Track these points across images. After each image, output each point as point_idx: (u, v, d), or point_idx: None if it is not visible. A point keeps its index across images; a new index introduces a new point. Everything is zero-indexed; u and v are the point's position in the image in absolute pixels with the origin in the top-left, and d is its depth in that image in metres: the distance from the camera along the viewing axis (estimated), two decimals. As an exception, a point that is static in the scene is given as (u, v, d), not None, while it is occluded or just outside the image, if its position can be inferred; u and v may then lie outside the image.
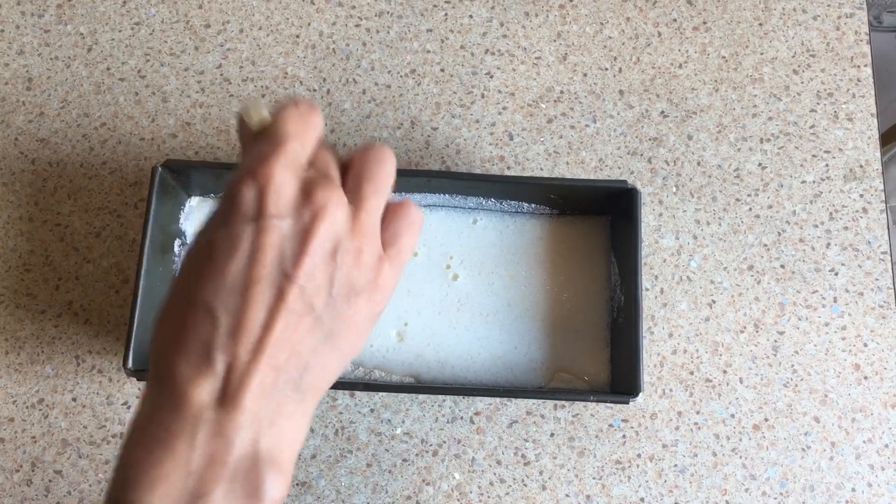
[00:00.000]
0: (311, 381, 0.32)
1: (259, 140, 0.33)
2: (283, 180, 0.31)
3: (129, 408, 0.52)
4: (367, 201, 0.33)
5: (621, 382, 0.49)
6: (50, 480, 0.51)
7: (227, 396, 0.30)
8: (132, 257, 0.55)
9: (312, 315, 0.31)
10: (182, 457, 0.30)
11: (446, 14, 0.60)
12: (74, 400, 0.52)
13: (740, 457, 0.52)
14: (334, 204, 0.31)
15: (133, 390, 0.52)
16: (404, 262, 0.35)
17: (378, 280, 0.33)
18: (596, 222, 0.53)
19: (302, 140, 0.32)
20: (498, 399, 0.52)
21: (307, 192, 0.31)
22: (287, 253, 0.30)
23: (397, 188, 0.51)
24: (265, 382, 0.30)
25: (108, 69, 0.59)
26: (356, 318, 0.33)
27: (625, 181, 0.50)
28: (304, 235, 0.31)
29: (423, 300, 0.52)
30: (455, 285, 0.52)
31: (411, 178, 0.50)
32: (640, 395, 0.47)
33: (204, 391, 0.30)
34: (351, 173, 0.34)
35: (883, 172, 0.57)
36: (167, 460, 0.30)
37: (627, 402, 0.46)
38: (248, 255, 0.30)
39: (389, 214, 0.35)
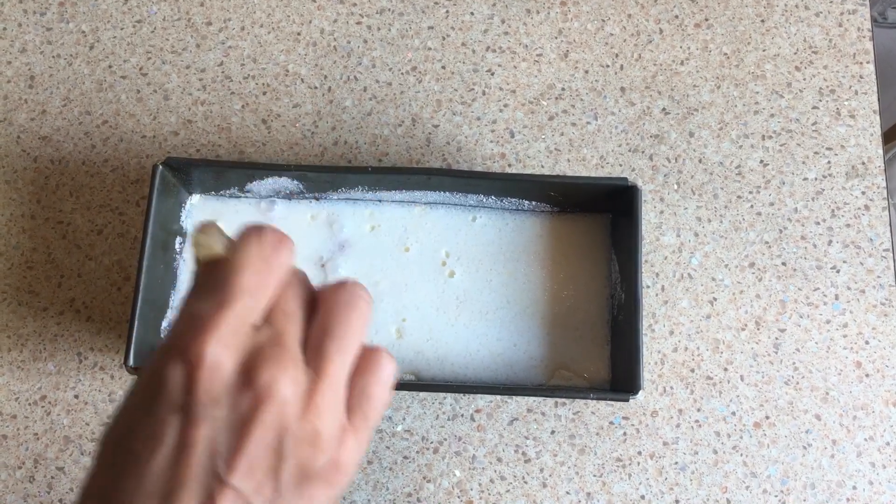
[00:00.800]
0: None
1: (202, 284, 0.28)
2: (219, 359, 0.26)
3: (130, 405, 0.52)
4: (331, 365, 0.28)
5: (621, 380, 0.49)
6: (52, 477, 0.51)
7: None
8: (134, 255, 0.55)
9: None
10: None
11: (447, 11, 0.60)
12: (76, 397, 0.53)
13: (741, 454, 0.52)
14: (282, 383, 0.26)
15: (135, 387, 0.53)
16: (373, 428, 0.29)
17: (340, 458, 0.28)
18: (596, 220, 0.53)
19: (257, 294, 0.27)
20: (499, 396, 0.52)
21: (249, 368, 0.26)
22: (220, 449, 0.25)
23: (397, 186, 0.52)
24: None
25: (110, 67, 0.59)
26: None
27: (625, 178, 0.49)
28: (241, 427, 0.26)
29: (422, 297, 0.52)
30: (454, 282, 0.52)
31: (411, 176, 0.50)
32: (641, 392, 0.47)
33: None
34: (316, 325, 0.28)
35: (886, 170, 0.57)
36: None
37: (627, 400, 0.46)
38: (172, 451, 0.25)
39: (358, 367, 0.29)
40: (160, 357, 0.27)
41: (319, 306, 0.29)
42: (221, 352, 0.26)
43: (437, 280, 0.52)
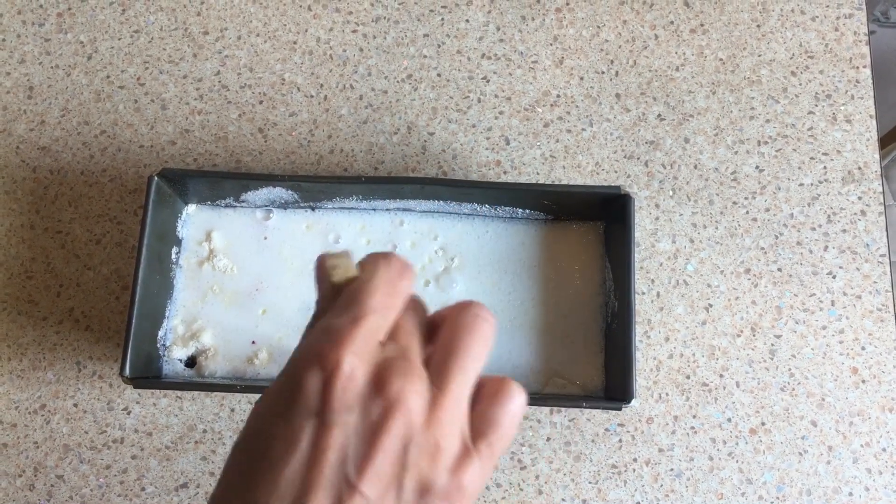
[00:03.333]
0: None
1: (336, 303, 0.29)
2: (354, 368, 0.27)
3: (129, 413, 0.53)
4: (453, 383, 0.28)
5: (615, 388, 0.49)
6: (52, 485, 0.52)
7: None
8: (132, 264, 0.55)
9: None
10: None
11: (443, 19, 0.61)
12: (76, 405, 0.53)
13: (737, 461, 0.52)
14: (410, 393, 0.27)
15: (133, 395, 0.53)
16: (498, 457, 0.29)
17: (461, 480, 0.28)
18: (590, 228, 0.53)
19: (385, 313, 0.29)
20: (494, 404, 0.52)
21: (380, 379, 0.27)
22: (351, 454, 0.26)
23: (392, 195, 0.52)
24: None
25: (108, 77, 0.59)
26: None
27: (618, 187, 0.50)
28: (371, 434, 0.27)
29: (418, 306, 0.52)
30: (449, 290, 0.52)
31: (405, 186, 0.50)
32: (635, 400, 0.47)
33: None
34: (439, 344, 0.29)
35: (888, 171, 0.57)
36: None
37: (620, 409, 0.46)
38: (307, 455, 0.26)
39: (484, 394, 0.30)
40: (298, 365, 0.28)
41: (442, 326, 0.30)
42: (355, 362, 0.27)
43: (432, 288, 0.53)
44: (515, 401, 0.30)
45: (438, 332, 0.30)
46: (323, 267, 0.31)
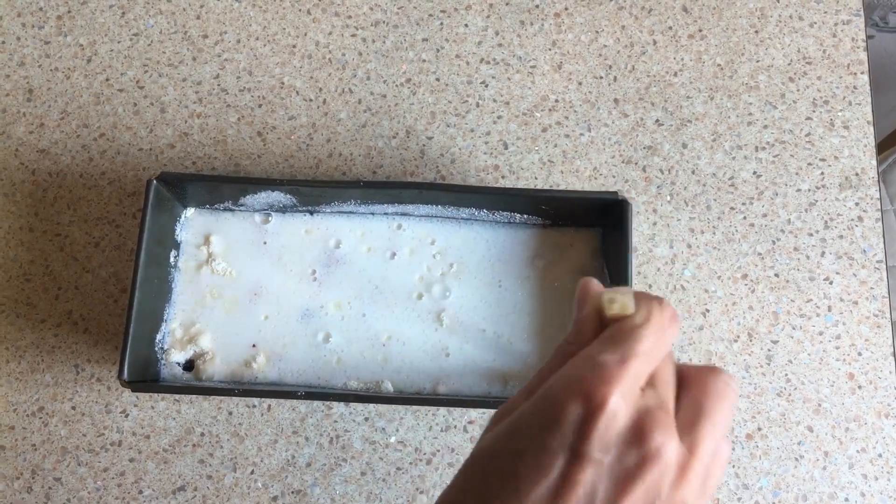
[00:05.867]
0: None
1: (605, 336, 0.29)
2: (618, 408, 0.27)
3: (126, 416, 0.53)
4: (703, 444, 0.28)
5: (612, 393, 0.49)
6: (50, 488, 0.52)
7: None
8: (131, 267, 0.55)
9: None
10: None
11: (442, 23, 0.61)
12: (74, 408, 0.53)
13: (733, 466, 0.52)
14: (669, 449, 0.27)
15: (131, 399, 0.53)
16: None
17: None
18: (587, 233, 0.54)
19: (651, 359, 0.29)
20: (490, 409, 0.52)
21: (641, 426, 0.27)
22: (600, 496, 0.26)
23: (390, 199, 0.52)
24: None
25: (108, 80, 0.60)
26: None
27: (615, 193, 0.50)
28: (624, 480, 0.27)
29: (413, 310, 0.52)
30: (447, 295, 0.53)
31: (403, 191, 0.51)
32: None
33: None
34: (688, 401, 0.29)
35: (886, 175, 0.57)
36: None
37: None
38: (555, 484, 0.27)
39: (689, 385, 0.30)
40: (561, 392, 0.28)
41: (691, 386, 0.30)
42: (621, 403, 0.27)
43: (429, 292, 0.53)
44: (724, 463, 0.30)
45: (685, 391, 0.30)
46: (594, 296, 0.31)
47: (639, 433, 0.27)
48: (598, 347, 0.29)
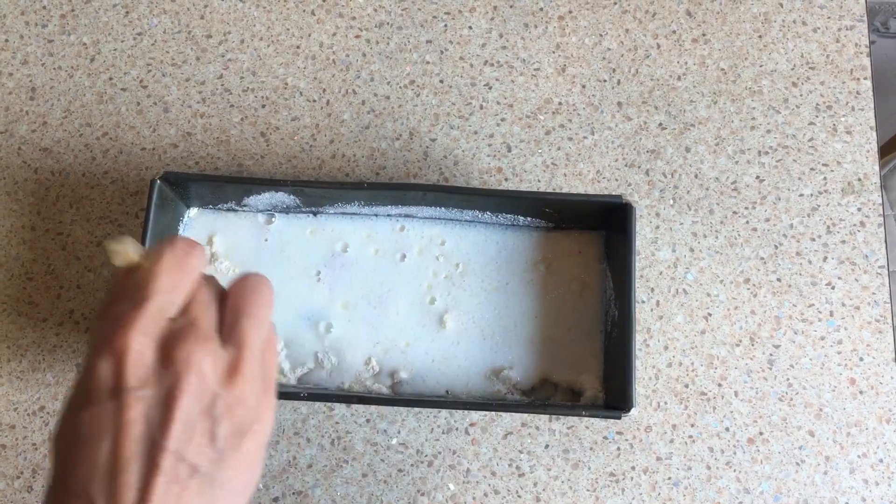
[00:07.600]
0: None
1: (119, 289, 0.32)
2: (141, 347, 0.30)
3: (128, 416, 0.53)
4: (248, 338, 0.32)
5: (614, 397, 0.49)
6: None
7: None
8: (132, 267, 0.55)
9: (198, 476, 0.29)
10: None
11: (446, 25, 0.61)
12: (75, 408, 0.53)
13: (734, 470, 0.52)
14: (199, 358, 0.30)
15: (132, 399, 0.53)
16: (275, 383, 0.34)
17: (262, 412, 0.32)
18: (591, 236, 0.54)
19: (172, 293, 0.31)
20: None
21: (167, 351, 0.30)
22: (154, 422, 0.29)
23: (394, 201, 0.52)
24: None
25: (111, 79, 0.59)
26: (248, 457, 0.31)
27: (619, 196, 0.50)
28: (168, 400, 0.29)
29: (416, 311, 0.52)
30: (449, 296, 0.53)
31: (407, 193, 0.51)
32: (634, 409, 0.47)
33: None
34: (228, 310, 0.33)
35: (888, 179, 0.57)
36: None
37: (619, 418, 0.47)
38: (113, 434, 0.29)
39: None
40: (91, 354, 0.30)
41: (229, 297, 0.33)
42: (144, 341, 0.30)
43: (432, 294, 0.53)
44: (274, 344, 0.34)
45: (224, 302, 0.33)
46: (110, 253, 0.33)
47: (166, 356, 0.30)
48: (110, 301, 0.32)
